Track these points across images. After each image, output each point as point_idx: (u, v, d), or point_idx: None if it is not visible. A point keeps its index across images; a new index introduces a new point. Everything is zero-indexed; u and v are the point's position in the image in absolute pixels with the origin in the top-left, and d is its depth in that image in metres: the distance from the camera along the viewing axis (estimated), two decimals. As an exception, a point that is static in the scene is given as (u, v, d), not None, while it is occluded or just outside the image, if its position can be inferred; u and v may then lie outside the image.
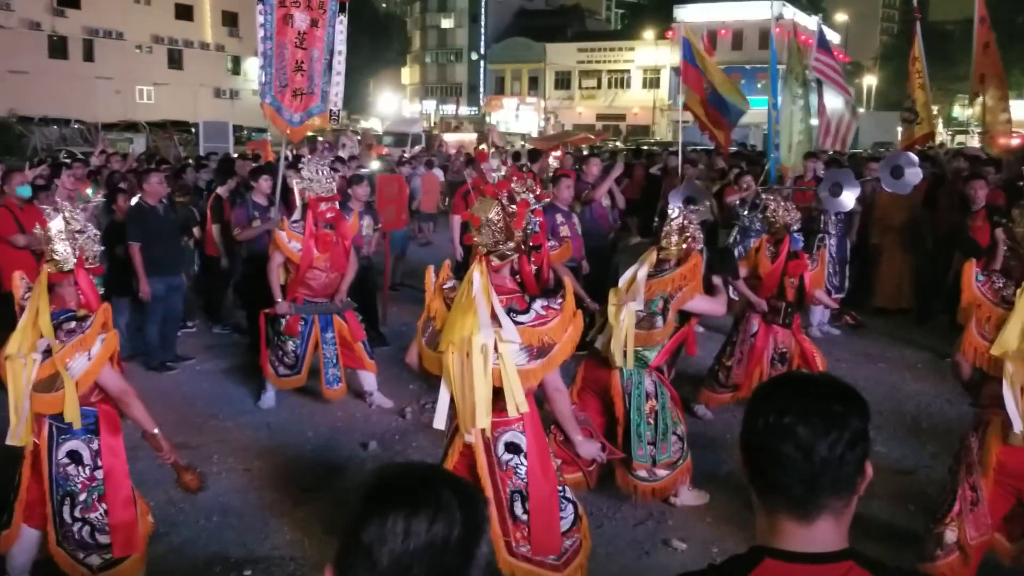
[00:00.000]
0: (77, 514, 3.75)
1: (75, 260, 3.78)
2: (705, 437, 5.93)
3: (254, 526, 4.83)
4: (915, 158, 8.73)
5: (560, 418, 3.86)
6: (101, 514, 3.79)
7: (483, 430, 3.53)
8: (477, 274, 3.49)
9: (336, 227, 6.56)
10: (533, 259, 4.03)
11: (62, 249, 3.75)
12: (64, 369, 3.60)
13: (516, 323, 3.47)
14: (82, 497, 3.75)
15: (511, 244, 3.59)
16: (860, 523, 4.66)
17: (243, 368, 7.70)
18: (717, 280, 5.45)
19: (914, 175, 8.39)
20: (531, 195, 3.68)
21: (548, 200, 6.06)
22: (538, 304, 3.55)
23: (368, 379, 6.85)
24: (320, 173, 6.47)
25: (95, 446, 3.79)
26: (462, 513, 1.24)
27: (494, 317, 3.44)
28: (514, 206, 3.58)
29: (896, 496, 5.15)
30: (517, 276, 3.81)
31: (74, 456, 3.75)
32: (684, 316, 5.05)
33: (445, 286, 3.69)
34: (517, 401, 3.45)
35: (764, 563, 1.46)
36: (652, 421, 4.88)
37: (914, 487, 5.34)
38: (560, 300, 3.57)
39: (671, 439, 4.93)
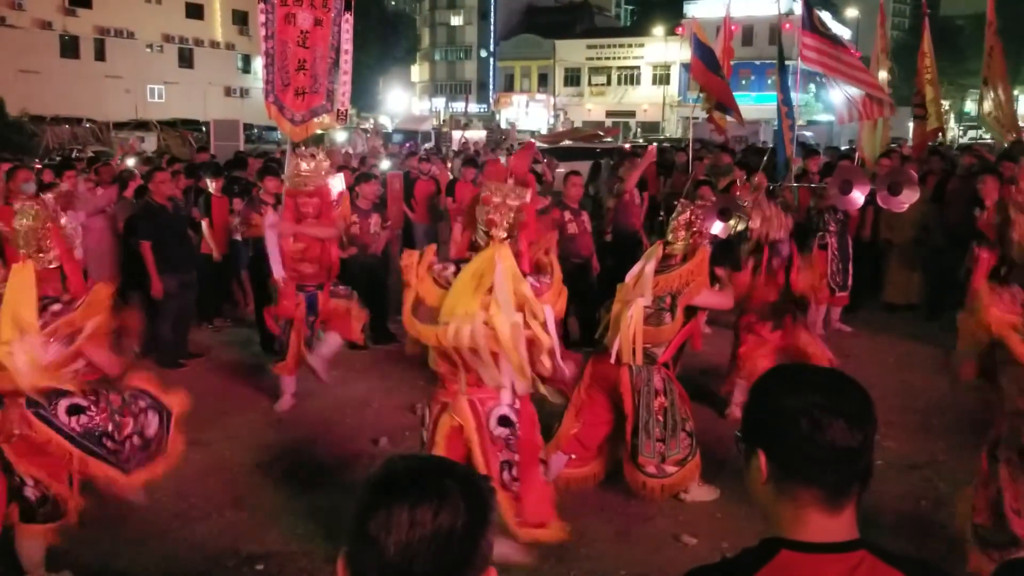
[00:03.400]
0: (119, 439, 3.97)
1: (58, 254, 3.93)
2: (714, 433, 5.93)
3: (266, 521, 4.86)
4: (915, 176, 8.62)
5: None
6: (133, 421, 4.06)
7: (476, 407, 3.78)
8: (499, 260, 3.66)
9: (321, 217, 6.53)
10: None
11: (46, 246, 3.89)
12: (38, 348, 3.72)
13: None
14: (110, 427, 3.96)
15: (514, 229, 3.80)
16: (871, 518, 4.66)
17: (254, 364, 7.74)
18: (722, 272, 5.45)
19: (911, 195, 8.27)
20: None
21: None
22: (530, 279, 3.78)
23: (331, 341, 6.78)
24: (302, 167, 6.43)
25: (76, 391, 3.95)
26: (467, 503, 1.25)
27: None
28: (525, 193, 3.85)
29: (907, 492, 5.15)
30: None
31: (74, 409, 3.91)
32: (691, 310, 5.05)
33: (436, 267, 3.89)
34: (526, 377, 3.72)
35: (780, 555, 1.47)
36: (661, 418, 4.89)
37: (925, 483, 5.33)
38: (549, 276, 3.84)
39: (680, 436, 4.93)
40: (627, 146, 22.32)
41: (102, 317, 3.92)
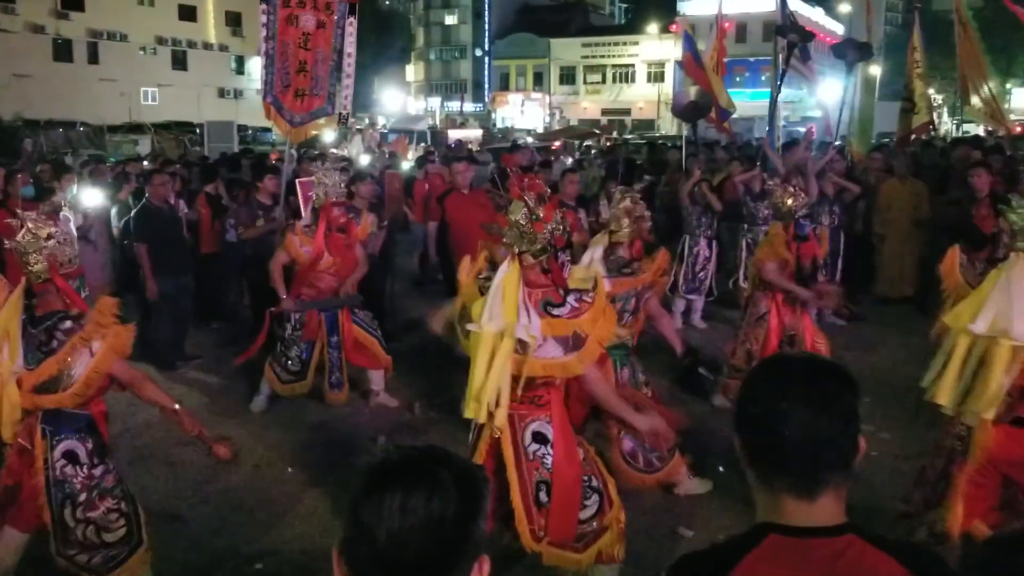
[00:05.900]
0: (79, 515, 3.72)
1: (47, 268, 3.68)
2: (707, 425, 5.95)
3: (265, 520, 4.89)
4: None
5: (606, 405, 3.82)
6: (104, 512, 3.77)
7: (511, 417, 3.56)
8: (505, 266, 3.52)
9: (348, 230, 6.55)
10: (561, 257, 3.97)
11: (35, 259, 3.67)
12: (65, 368, 3.59)
13: (552, 315, 3.49)
14: (83, 497, 3.72)
15: (537, 246, 3.56)
16: (863, 507, 4.67)
17: (251, 366, 7.74)
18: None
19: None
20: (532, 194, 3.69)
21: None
22: (572, 297, 3.56)
23: (376, 377, 6.83)
24: (334, 177, 6.43)
25: (90, 445, 3.79)
26: (459, 492, 1.27)
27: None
28: (541, 208, 3.56)
29: (899, 482, 5.17)
30: (548, 274, 3.72)
31: (70, 456, 3.74)
32: None
33: (481, 276, 3.76)
34: (502, 396, 3.45)
35: (768, 539, 1.51)
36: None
37: (917, 473, 5.35)
38: (592, 294, 3.59)
39: None
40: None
41: (119, 333, 3.72)
